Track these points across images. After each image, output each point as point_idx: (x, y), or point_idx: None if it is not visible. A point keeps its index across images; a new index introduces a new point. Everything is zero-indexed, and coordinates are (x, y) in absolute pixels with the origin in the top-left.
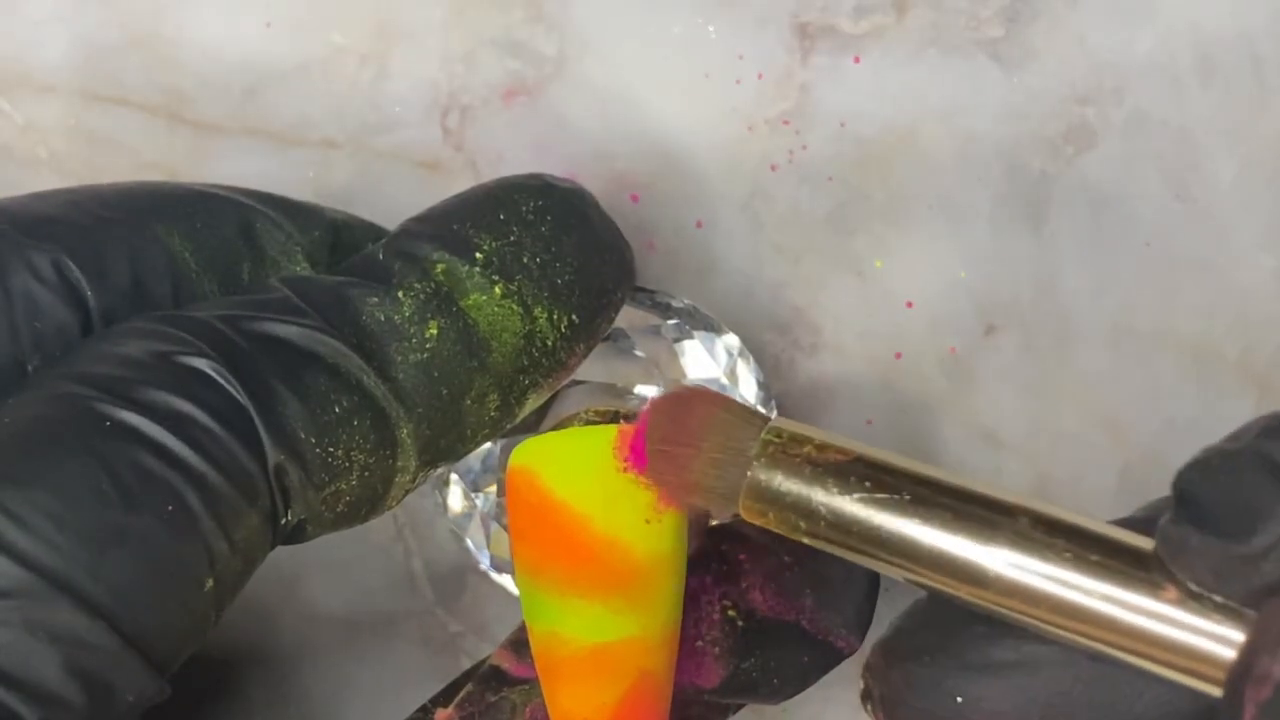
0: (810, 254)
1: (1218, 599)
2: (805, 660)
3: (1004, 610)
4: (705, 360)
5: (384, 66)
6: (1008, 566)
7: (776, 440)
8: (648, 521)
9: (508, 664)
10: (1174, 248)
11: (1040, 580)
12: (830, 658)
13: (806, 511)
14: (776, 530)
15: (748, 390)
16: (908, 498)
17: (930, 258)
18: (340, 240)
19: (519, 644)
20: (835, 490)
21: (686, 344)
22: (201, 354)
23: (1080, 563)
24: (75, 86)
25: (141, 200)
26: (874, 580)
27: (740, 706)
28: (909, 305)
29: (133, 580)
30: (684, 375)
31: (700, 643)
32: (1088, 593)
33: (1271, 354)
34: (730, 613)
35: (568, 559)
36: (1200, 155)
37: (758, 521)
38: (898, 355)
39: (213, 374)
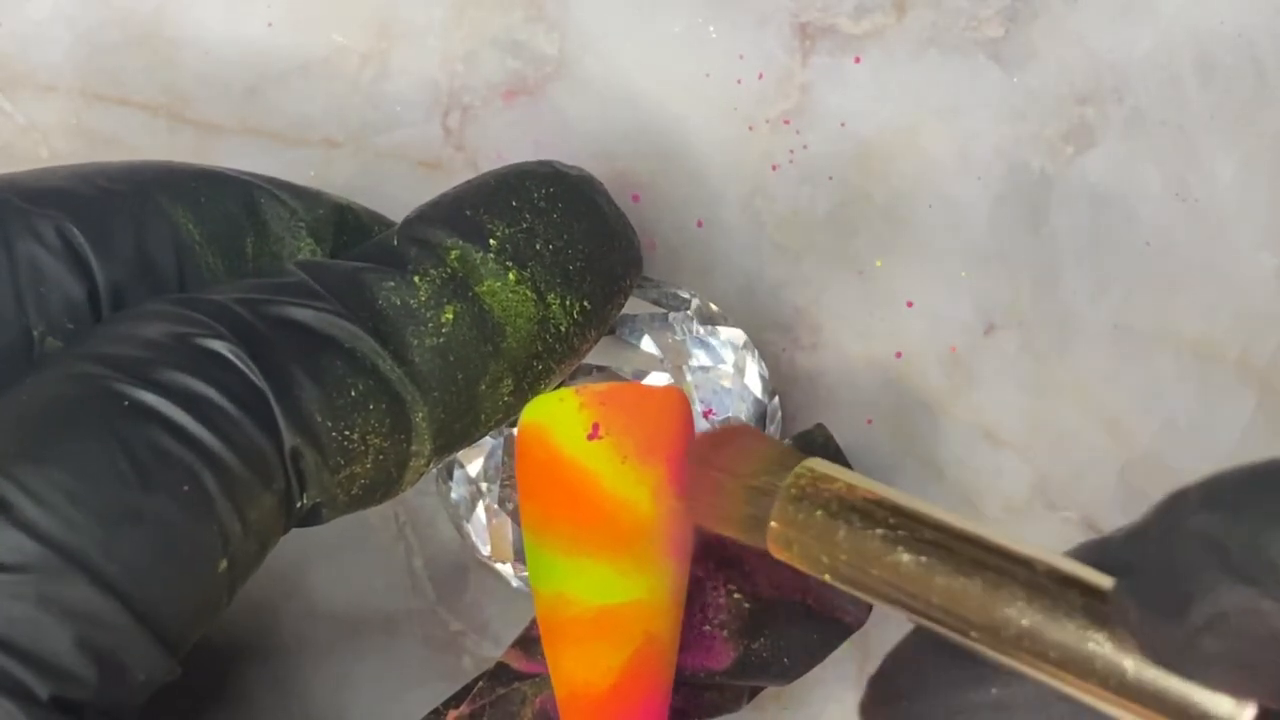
0: (810, 253)
1: None
2: (814, 637)
3: (1011, 659)
4: (711, 352)
5: (385, 66)
6: (1021, 612)
7: (809, 475)
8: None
9: (517, 662)
10: (1174, 247)
11: (1051, 631)
12: (838, 633)
13: (829, 544)
14: (799, 565)
15: (752, 383)
16: (928, 538)
17: (930, 258)
18: (345, 221)
19: (527, 642)
20: (859, 525)
21: (693, 335)
22: (219, 336)
23: (1090, 614)
24: (76, 86)
25: (146, 175)
26: None
27: (756, 691)
28: (909, 305)
29: (147, 559)
30: (689, 365)
31: (708, 626)
32: (1097, 645)
33: (1272, 353)
34: (736, 595)
35: (576, 517)
36: (1200, 155)
37: (782, 555)
38: (898, 355)
39: (230, 357)
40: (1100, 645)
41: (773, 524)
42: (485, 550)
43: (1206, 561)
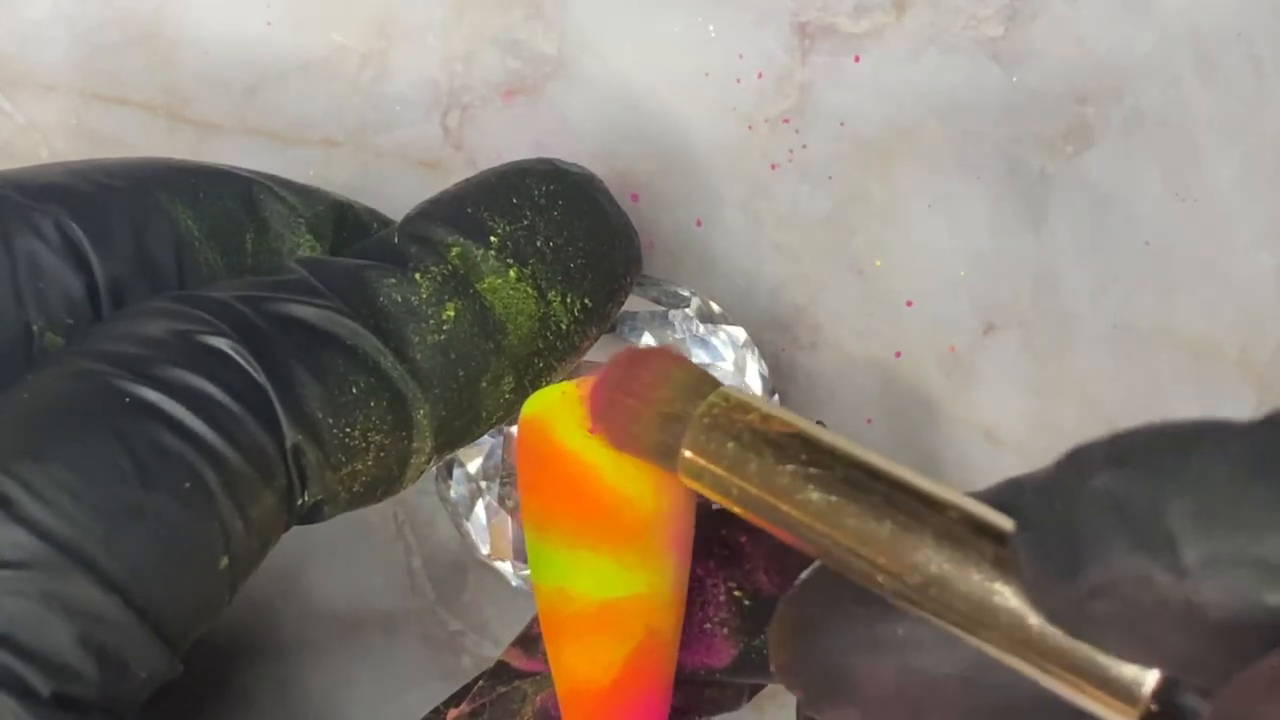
0: (810, 253)
1: None
2: None
3: (917, 607)
4: (711, 350)
5: (384, 66)
6: (929, 559)
7: (723, 404)
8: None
9: (517, 661)
10: (1174, 247)
11: (957, 581)
12: None
13: (740, 476)
14: (709, 495)
15: (752, 381)
16: (840, 476)
17: (930, 257)
18: (344, 218)
19: (527, 640)
20: (771, 459)
21: (692, 333)
22: (221, 334)
23: (1000, 566)
24: (76, 86)
25: (145, 171)
26: None
27: (756, 690)
28: (909, 304)
29: (148, 556)
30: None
31: (709, 625)
32: (1002, 599)
33: (1271, 352)
34: (736, 593)
35: (578, 511)
36: (1200, 154)
37: (693, 484)
38: (898, 354)
39: (232, 354)
40: (1005, 599)
41: (684, 452)
42: (485, 549)
43: (1103, 523)
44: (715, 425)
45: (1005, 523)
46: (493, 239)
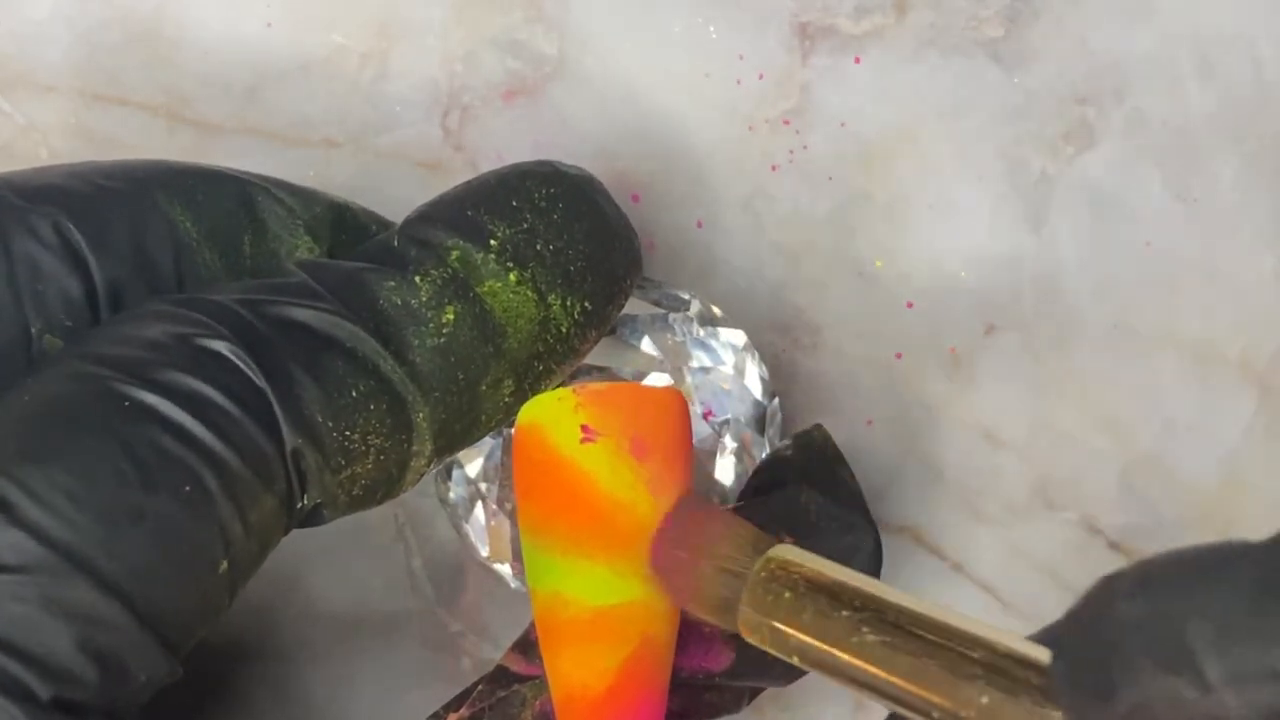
0: (810, 254)
1: None
2: None
3: None
4: (711, 354)
5: (384, 66)
6: (980, 691)
7: (778, 559)
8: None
9: (516, 665)
10: (1174, 248)
11: (1009, 711)
12: None
13: (796, 625)
14: (768, 649)
15: (752, 385)
16: (891, 620)
17: (930, 258)
18: (343, 220)
19: (526, 644)
20: (826, 605)
21: (693, 336)
22: (221, 337)
23: (1048, 694)
24: (76, 86)
25: (143, 172)
26: (876, 558)
27: (756, 693)
28: (909, 305)
29: (148, 560)
30: (689, 366)
31: (708, 628)
32: None
33: (1272, 354)
34: None
35: (573, 518)
36: (1200, 155)
37: (752, 639)
38: (898, 355)
39: (231, 357)
40: None
41: (743, 607)
42: (484, 551)
43: (1133, 647)
44: (772, 578)
45: (1046, 656)
46: (492, 242)
